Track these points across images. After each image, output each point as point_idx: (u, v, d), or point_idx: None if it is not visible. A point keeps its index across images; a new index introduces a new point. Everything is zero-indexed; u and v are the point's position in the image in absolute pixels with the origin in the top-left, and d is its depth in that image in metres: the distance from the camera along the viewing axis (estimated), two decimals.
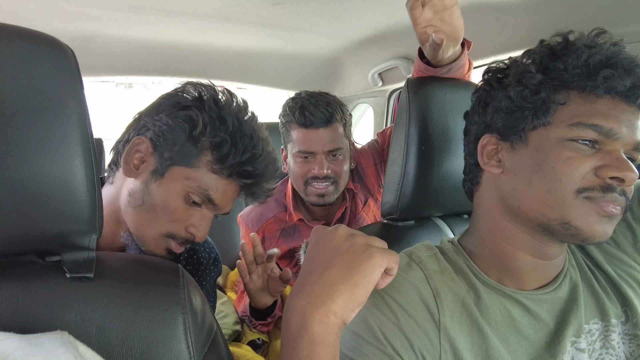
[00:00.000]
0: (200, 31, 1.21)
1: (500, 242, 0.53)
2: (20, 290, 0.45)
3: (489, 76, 0.55)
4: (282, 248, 1.22)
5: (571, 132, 0.46)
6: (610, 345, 0.51)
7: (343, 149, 1.12)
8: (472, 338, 0.50)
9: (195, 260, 0.89)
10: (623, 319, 0.53)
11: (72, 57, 0.44)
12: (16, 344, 0.36)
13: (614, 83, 0.45)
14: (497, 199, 0.53)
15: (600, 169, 0.45)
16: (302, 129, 1.09)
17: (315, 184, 1.11)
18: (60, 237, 0.45)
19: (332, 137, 1.09)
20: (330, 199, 1.13)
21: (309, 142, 1.09)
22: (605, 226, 0.46)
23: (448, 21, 0.68)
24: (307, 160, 1.11)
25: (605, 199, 0.45)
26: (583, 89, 0.46)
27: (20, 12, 1.02)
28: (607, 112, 0.45)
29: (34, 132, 0.41)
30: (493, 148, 0.53)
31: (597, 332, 0.52)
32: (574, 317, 0.51)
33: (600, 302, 0.53)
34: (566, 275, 0.54)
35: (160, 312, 0.48)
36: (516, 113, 0.50)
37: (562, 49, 0.48)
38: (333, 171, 1.10)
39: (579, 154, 0.46)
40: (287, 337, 0.42)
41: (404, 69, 1.29)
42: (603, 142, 0.46)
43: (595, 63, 0.45)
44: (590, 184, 0.45)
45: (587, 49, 0.46)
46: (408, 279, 0.52)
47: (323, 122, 1.07)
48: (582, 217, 0.46)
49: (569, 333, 0.50)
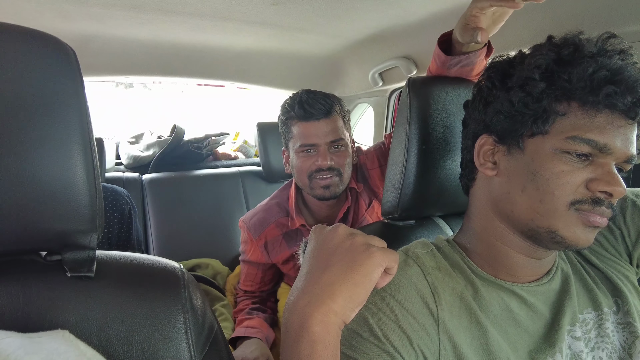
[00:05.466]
0: (200, 31, 1.21)
1: (494, 240, 0.55)
2: (21, 289, 0.45)
3: (493, 72, 0.54)
4: (285, 253, 1.22)
5: (567, 144, 0.47)
6: (605, 333, 0.53)
7: (344, 140, 1.12)
8: (471, 332, 0.50)
9: None
10: (614, 309, 0.55)
11: (74, 57, 0.44)
12: (17, 343, 0.36)
13: (615, 101, 0.45)
14: (490, 199, 0.55)
15: (592, 182, 0.47)
16: (302, 123, 1.10)
17: (319, 176, 1.11)
18: (61, 236, 0.45)
19: (333, 128, 1.10)
20: (336, 191, 1.12)
21: (310, 134, 1.09)
22: (589, 235, 0.48)
23: (498, 20, 0.70)
24: (309, 154, 1.12)
25: (594, 211, 0.47)
26: (584, 103, 0.47)
27: (21, 11, 1.02)
28: (604, 127, 0.46)
29: (35, 131, 0.41)
30: (490, 149, 0.54)
31: (592, 322, 0.53)
32: (569, 306, 0.53)
33: (591, 292, 0.55)
34: (557, 268, 0.56)
35: (161, 311, 0.48)
36: (516, 117, 0.50)
37: (570, 56, 0.47)
38: (336, 162, 1.11)
39: (572, 167, 0.47)
40: (288, 336, 0.42)
41: (404, 69, 1.29)
42: (596, 155, 0.47)
43: (599, 79, 0.45)
44: (582, 197, 0.47)
45: (594, 62, 0.46)
46: (405, 275, 0.52)
47: (323, 113, 1.08)
48: (568, 227, 0.48)
49: (565, 322, 0.52)
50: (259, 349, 1.10)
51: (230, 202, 1.77)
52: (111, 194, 1.19)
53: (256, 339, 1.15)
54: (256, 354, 1.08)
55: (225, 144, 2.12)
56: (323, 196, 1.13)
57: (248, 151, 2.19)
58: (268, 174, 1.79)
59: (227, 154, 2.09)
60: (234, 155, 2.10)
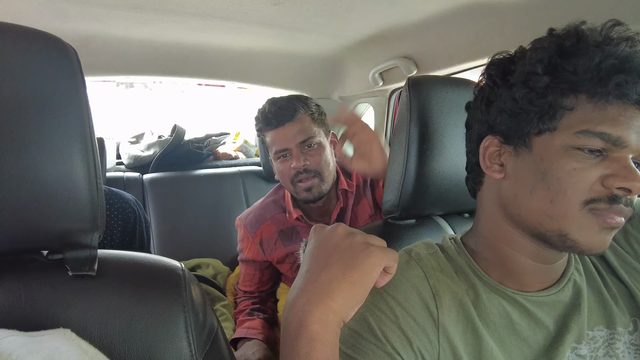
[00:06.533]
0: (201, 31, 1.21)
1: (502, 245, 0.52)
2: (23, 288, 0.45)
3: (493, 71, 0.51)
4: (281, 252, 1.23)
5: (577, 140, 0.43)
6: (614, 353, 0.50)
7: (315, 137, 1.13)
8: (466, 338, 0.49)
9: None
10: (630, 328, 0.51)
11: (75, 57, 0.44)
12: (19, 342, 0.36)
13: (627, 90, 0.42)
14: (498, 203, 0.52)
15: (607, 178, 0.43)
16: (271, 130, 1.14)
17: (299, 179, 1.13)
18: (63, 236, 0.45)
19: (300, 129, 1.12)
20: (319, 191, 1.14)
21: (280, 139, 1.13)
22: (605, 237, 0.44)
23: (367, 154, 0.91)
24: (285, 159, 1.14)
25: (611, 210, 0.43)
26: (593, 95, 0.43)
27: (21, 11, 1.02)
28: (617, 119, 0.42)
29: (36, 131, 0.41)
30: (495, 150, 0.51)
31: (602, 340, 0.50)
32: (575, 323, 0.50)
33: (607, 309, 0.52)
34: (570, 279, 0.53)
35: (162, 310, 0.48)
36: (521, 115, 0.47)
37: (573, 47, 0.44)
38: (312, 162, 1.12)
39: (584, 164, 0.43)
40: (287, 334, 0.42)
41: (404, 69, 1.29)
42: (610, 149, 0.43)
43: (607, 68, 0.42)
44: (598, 195, 0.43)
45: (600, 51, 0.42)
46: (407, 277, 0.52)
47: (287, 117, 1.11)
48: (581, 230, 0.44)
49: (569, 338, 0.49)
50: (260, 351, 1.11)
51: (230, 202, 1.77)
52: (118, 200, 1.16)
53: (257, 340, 1.15)
54: (258, 355, 1.08)
55: (226, 144, 2.12)
56: (307, 199, 1.15)
57: (248, 151, 2.19)
58: (268, 173, 1.79)
59: (228, 153, 2.09)
60: (234, 155, 2.10)
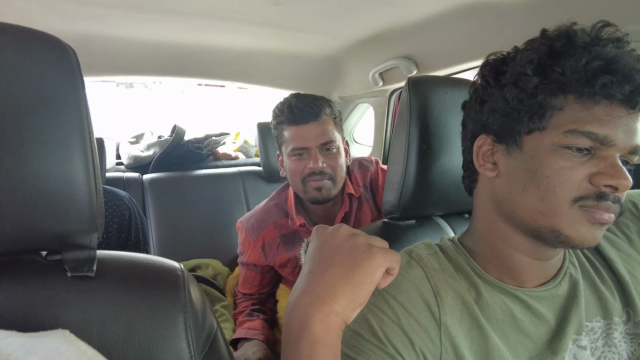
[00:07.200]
0: (201, 31, 1.21)
1: (498, 242, 0.54)
2: (22, 289, 0.45)
3: (486, 71, 0.53)
4: (283, 256, 1.21)
5: (566, 139, 0.45)
6: (613, 343, 0.51)
7: (336, 142, 1.12)
8: (471, 336, 0.50)
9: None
10: (624, 318, 0.53)
11: (74, 57, 0.44)
12: (18, 342, 0.36)
13: (612, 90, 0.43)
14: (492, 200, 0.54)
15: (594, 176, 0.45)
16: (293, 127, 1.11)
17: (312, 179, 1.11)
18: (61, 236, 0.45)
19: (323, 131, 1.10)
20: (329, 194, 1.13)
21: (301, 137, 1.10)
22: (595, 232, 0.46)
23: None
24: (302, 157, 1.12)
25: (599, 207, 0.45)
26: (580, 95, 0.45)
27: (21, 11, 1.02)
28: (603, 118, 0.44)
29: (35, 131, 0.41)
30: (488, 149, 0.53)
31: (600, 330, 0.52)
32: (575, 315, 0.51)
33: (603, 300, 0.53)
34: (566, 273, 0.54)
35: (161, 311, 0.48)
36: (512, 115, 0.49)
37: (562, 48, 0.46)
38: (328, 166, 1.11)
39: (572, 162, 0.45)
40: (289, 336, 0.42)
41: (404, 69, 1.29)
42: (598, 148, 0.45)
43: (594, 69, 0.44)
44: (586, 192, 0.45)
45: (587, 52, 0.44)
46: (408, 277, 0.52)
47: (312, 116, 1.09)
48: (572, 226, 0.46)
49: (570, 330, 0.50)
50: (261, 351, 1.10)
51: (230, 202, 1.77)
52: (112, 197, 1.15)
53: (257, 341, 1.15)
54: (259, 355, 1.08)
55: (226, 144, 2.12)
56: (316, 198, 1.13)
57: (248, 151, 2.19)
58: (268, 174, 1.79)
59: (228, 154, 2.09)
60: (234, 155, 2.10)
